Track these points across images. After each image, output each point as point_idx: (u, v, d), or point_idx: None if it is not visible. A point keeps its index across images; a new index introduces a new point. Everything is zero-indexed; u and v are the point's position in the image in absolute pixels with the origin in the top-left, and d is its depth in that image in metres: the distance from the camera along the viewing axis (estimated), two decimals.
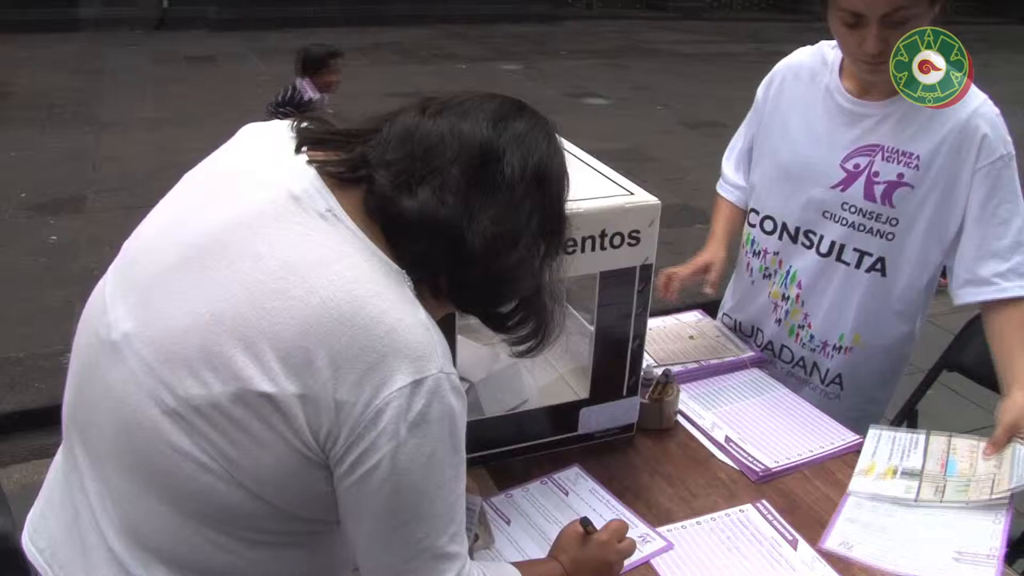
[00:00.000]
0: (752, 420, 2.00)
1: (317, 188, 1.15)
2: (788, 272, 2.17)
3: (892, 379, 2.22)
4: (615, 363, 1.80)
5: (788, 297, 2.19)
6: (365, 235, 1.13)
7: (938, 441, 1.85)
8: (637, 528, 1.63)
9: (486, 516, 1.65)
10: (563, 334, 1.35)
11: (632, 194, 1.66)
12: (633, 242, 1.65)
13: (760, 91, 2.21)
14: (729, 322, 2.40)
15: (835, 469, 1.85)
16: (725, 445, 1.91)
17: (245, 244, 1.13)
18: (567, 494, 1.74)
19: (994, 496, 1.66)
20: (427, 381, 1.08)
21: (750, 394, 2.11)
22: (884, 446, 1.87)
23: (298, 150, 1.20)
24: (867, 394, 2.20)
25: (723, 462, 1.86)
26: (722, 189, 2.37)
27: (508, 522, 1.66)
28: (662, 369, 1.99)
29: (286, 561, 1.23)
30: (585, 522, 1.46)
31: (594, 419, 1.86)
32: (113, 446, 1.18)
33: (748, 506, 1.72)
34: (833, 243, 2.06)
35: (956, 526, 1.64)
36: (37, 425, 3.59)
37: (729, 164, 2.35)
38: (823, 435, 1.95)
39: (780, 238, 2.16)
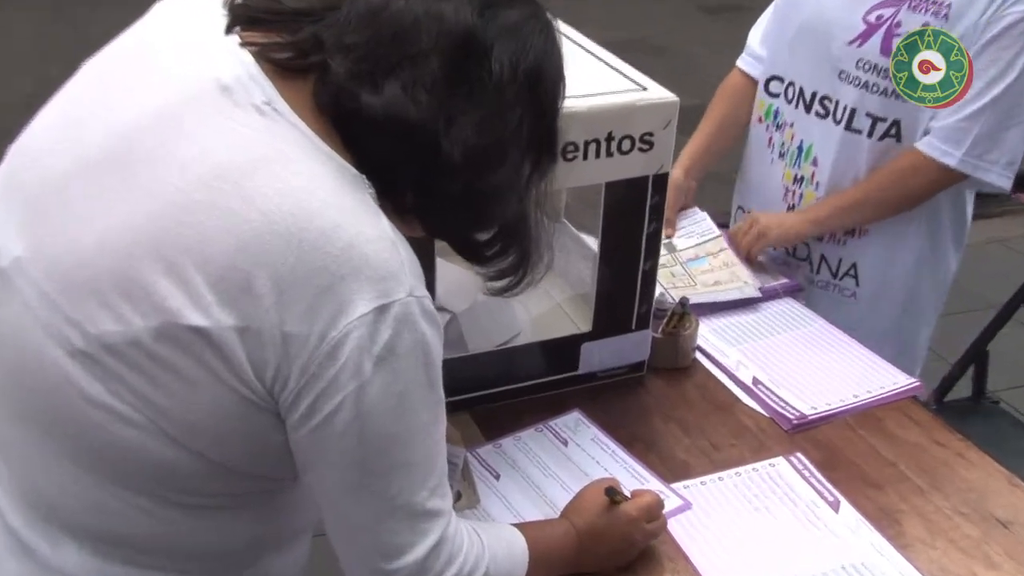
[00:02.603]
0: (785, 358, 1.98)
1: (253, 76, 1.10)
2: (801, 148, 2.24)
3: (920, 287, 2.24)
4: (623, 290, 1.79)
5: (802, 179, 2.25)
6: (314, 134, 1.09)
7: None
8: (648, 484, 1.62)
9: (471, 470, 1.64)
10: (558, 257, 1.37)
11: (645, 89, 1.63)
12: (645, 147, 1.63)
13: None
14: (743, 218, 2.44)
15: (884, 417, 1.83)
16: (752, 388, 1.89)
17: (163, 146, 1.09)
18: (566, 444, 1.73)
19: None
20: (394, 306, 1.05)
21: (783, 328, 2.09)
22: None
23: (230, 30, 1.15)
24: (891, 297, 2.23)
25: (750, 407, 1.85)
26: (743, 62, 2.43)
27: (497, 476, 1.65)
28: (678, 298, 1.98)
29: (230, 528, 1.22)
30: (611, 492, 1.45)
31: (598, 356, 1.85)
32: (7, 397, 1.16)
33: (780, 459, 1.71)
34: (846, 108, 2.13)
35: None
36: None
37: (756, 34, 2.41)
38: (871, 376, 1.93)
39: (796, 106, 2.23)
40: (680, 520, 1.57)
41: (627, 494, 1.48)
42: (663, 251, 2.20)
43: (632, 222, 1.71)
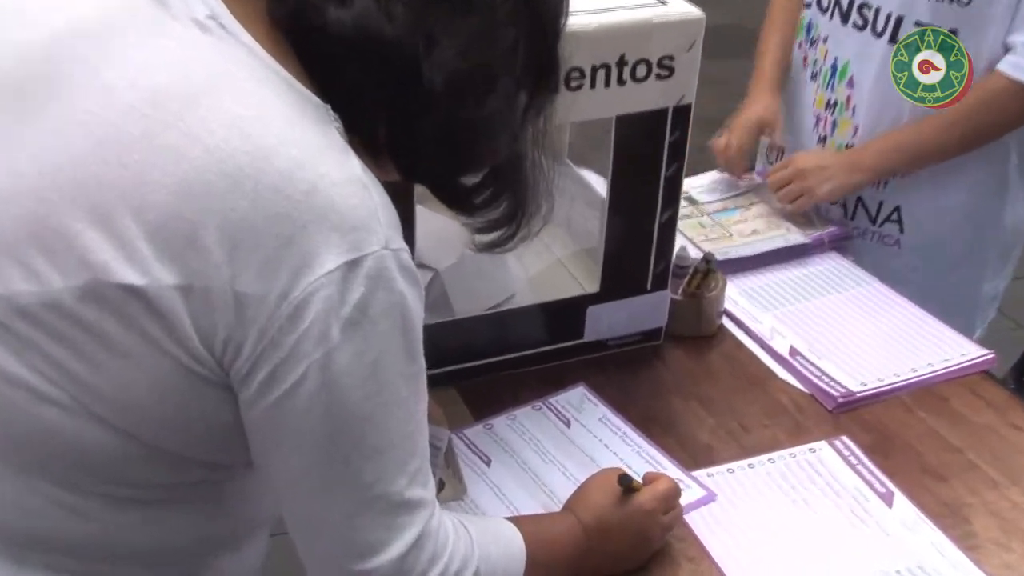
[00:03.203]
0: (829, 325, 1.99)
1: None
2: (835, 66, 2.26)
3: (979, 234, 2.26)
4: (636, 244, 1.80)
5: (835, 103, 2.28)
6: (268, 55, 1.07)
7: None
8: (667, 471, 1.61)
9: (456, 455, 1.64)
10: (560, 205, 1.35)
11: (664, 4, 1.62)
12: (665, 73, 1.63)
13: None
14: (772, 154, 2.46)
15: (950, 395, 1.82)
16: (790, 359, 1.90)
17: (86, 70, 1.07)
18: (569, 424, 1.74)
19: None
20: (366, 261, 1.04)
21: (826, 288, 2.11)
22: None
23: None
24: (942, 245, 2.25)
25: (786, 383, 1.86)
26: None
27: (488, 462, 1.66)
28: (702, 253, 1.98)
29: (171, 525, 1.21)
30: (624, 480, 1.44)
31: (607, 321, 1.86)
32: None
33: (822, 444, 1.71)
34: (890, 16, 2.14)
35: None
36: None
37: None
38: (934, 347, 1.94)
39: (831, 17, 2.25)
40: (703, 514, 1.56)
41: (640, 481, 1.48)
42: (684, 203, 2.21)
43: (648, 164, 1.70)
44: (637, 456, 1.66)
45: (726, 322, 1.98)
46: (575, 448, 1.68)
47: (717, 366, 1.89)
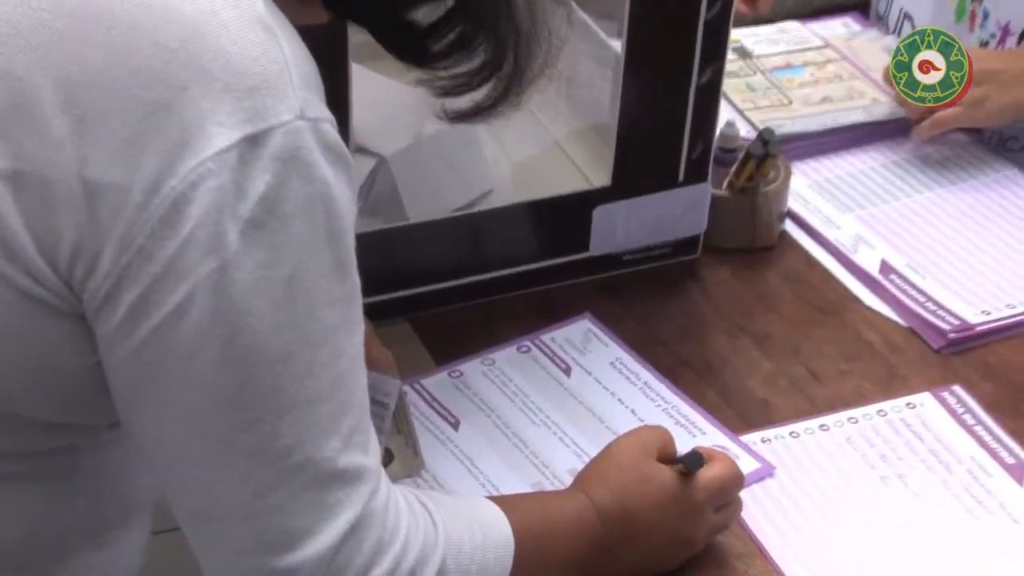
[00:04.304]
0: (937, 231, 2.02)
1: None
2: None
3: None
4: (664, 118, 1.81)
5: None
6: None
7: None
8: (704, 438, 1.63)
9: (410, 416, 1.63)
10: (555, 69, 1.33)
11: None
12: None
13: None
14: (882, 6, 2.50)
15: None
16: (881, 279, 1.91)
17: None
18: (569, 371, 1.76)
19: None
20: (273, 136, 1.04)
21: (933, 180, 2.14)
22: None
23: None
24: None
25: (875, 312, 1.88)
26: None
27: (455, 424, 1.68)
28: (757, 130, 1.98)
29: (17, 512, 1.24)
30: (692, 463, 1.43)
31: (622, 227, 1.87)
32: None
33: (925, 396, 1.72)
34: None
35: None
36: None
37: None
38: None
39: None
40: (756, 494, 1.57)
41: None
42: (730, 55, 2.19)
43: (679, 2, 1.71)
44: (663, 414, 1.66)
45: (789, 227, 2.01)
46: (577, 404, 1.69)
47: (777, 289, 1.92)
